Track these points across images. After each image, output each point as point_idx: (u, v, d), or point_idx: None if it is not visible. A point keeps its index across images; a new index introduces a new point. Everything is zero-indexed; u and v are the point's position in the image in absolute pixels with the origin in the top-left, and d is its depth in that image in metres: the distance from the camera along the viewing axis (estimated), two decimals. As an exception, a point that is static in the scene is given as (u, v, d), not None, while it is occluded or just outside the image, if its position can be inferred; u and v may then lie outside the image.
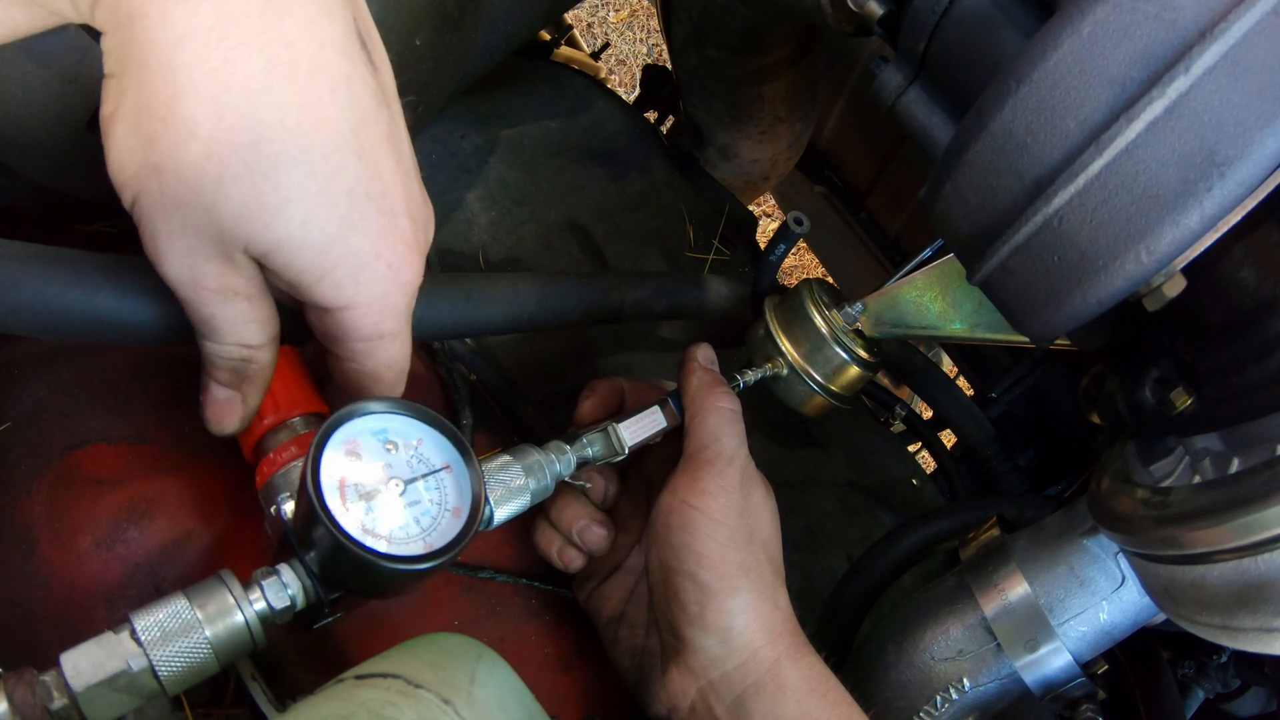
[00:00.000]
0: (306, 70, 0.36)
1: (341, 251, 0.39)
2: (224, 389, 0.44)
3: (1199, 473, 0.50)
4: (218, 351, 0.42)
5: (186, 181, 0.35)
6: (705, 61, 0.95)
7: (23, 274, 0.41)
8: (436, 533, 0.44)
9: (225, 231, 0.37)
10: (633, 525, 0.60)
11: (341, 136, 0.38)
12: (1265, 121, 0.36)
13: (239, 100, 0.35)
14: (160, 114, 0.35)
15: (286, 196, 0.37)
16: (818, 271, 2.36)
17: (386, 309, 0.42)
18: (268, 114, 0.36)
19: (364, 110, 0.39)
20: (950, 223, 0.46)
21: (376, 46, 0.41)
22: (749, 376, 0.62)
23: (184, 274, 0.38)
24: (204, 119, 0.35)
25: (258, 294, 0.40)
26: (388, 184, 0.40)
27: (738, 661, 0.51)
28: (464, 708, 0.38)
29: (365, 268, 0.40)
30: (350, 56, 0.38)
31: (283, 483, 0.47)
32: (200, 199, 0.36)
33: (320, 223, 0.38)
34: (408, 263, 0.41)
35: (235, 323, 0.40)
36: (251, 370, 0.43)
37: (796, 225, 0.67)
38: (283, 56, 0.36)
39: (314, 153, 0.37)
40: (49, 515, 0.51)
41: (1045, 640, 0.58)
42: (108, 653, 0.38)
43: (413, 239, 0.42)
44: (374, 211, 0.39)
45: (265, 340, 0.42)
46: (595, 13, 2.79)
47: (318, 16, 0.37)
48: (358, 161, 0.38)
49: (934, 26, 0.48)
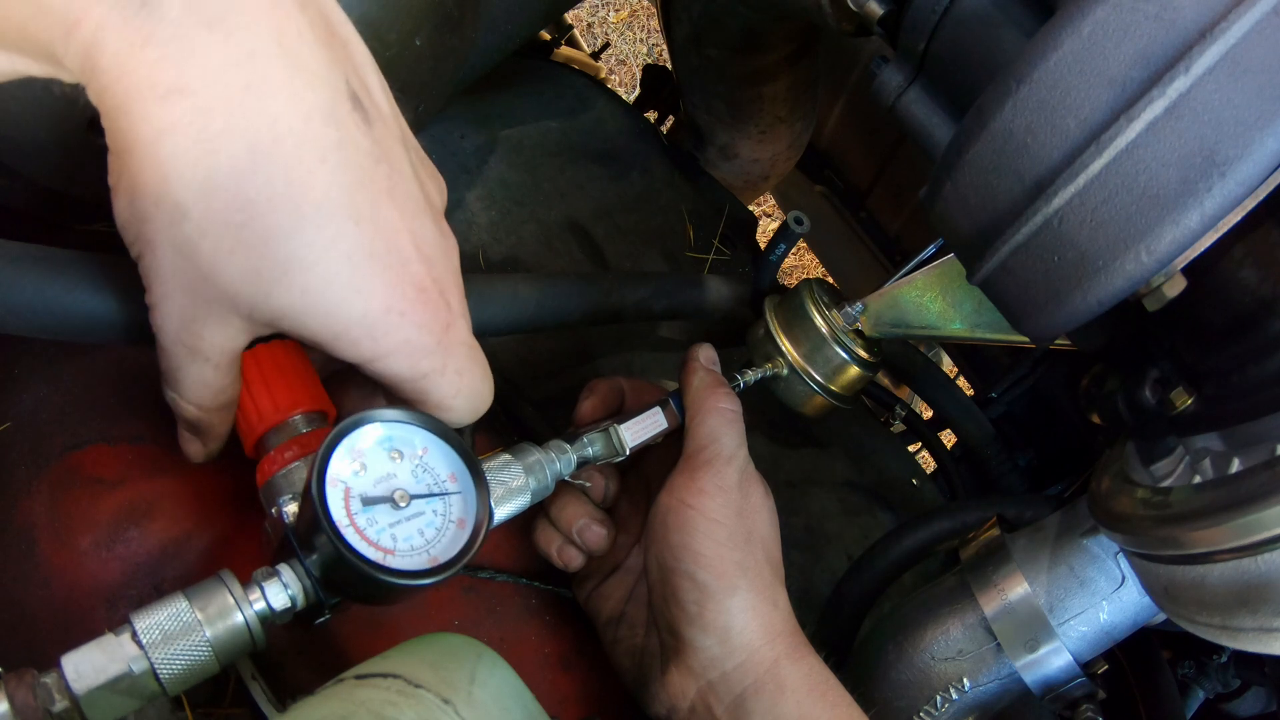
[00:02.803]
0: (293, 145, 0.37)
1: (350, 314, 0.40)
2: (185, 430, 0.45)
3: (1199, 473, 0.50)
4: (175, 402, 0.43)
5: (181, 255, 0.37)
6: (705, 61, 0.96)
7: (22, 274, 0.41)
8: (441, 545, 0.44)
9: (225, 300, 0.38)
10: (633, 525, 0.60)
11: (335, 203, 0.38)
12: (1265, 121, 0.36)
13: (226, 183, 0.36)
14: (150, 197, 0.36)
15: (284, 268, 0.37)
16: (818, 271, 2.36)
17: (415, 352, 0.42)
18: (256, 192, 0.36)
19: (358, 172, 0.39)
20: (950, 223, 0.46)
21: (375, 98, 0.41)
22: (749, 376, 0.62)
23: (170, 328, 0.39)
24: (192, 204, 0.36)
25: (225, 365, 0.42)
26: (392, 238, 0.40)
27: (737, 661, 0.51)
28: (464, 708, 0.38)
29: (377, 324, 0.40)
30: (338, 122, 0.38)
31: (284, 483, 0.47)
32: (197, 270, 0.37)
33: (321, 290, 0.38)
34: (423, 304, 0.42)
35: (194, 383, 0.42)
36: (203, 425, 0.44)
37: (796, 225, 0.67)
38: (266, 136, 0.36)
39: (307, 223, 0.37)
40: (49, 515, 0.51)
41: (1045, 640, 0.58)
42: (109, 655, 0.38)
43: (427, 280, 0.42)
44: (379, 269, 0.40)
45: (215, 407, 0.44)
46: (595, 13, 2.79)
47: (301, 90, 0.37)
48: (355, 225, 0.39)
49: (934, 26, 0.48)
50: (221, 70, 0.35)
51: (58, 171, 0.50)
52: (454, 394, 0.45)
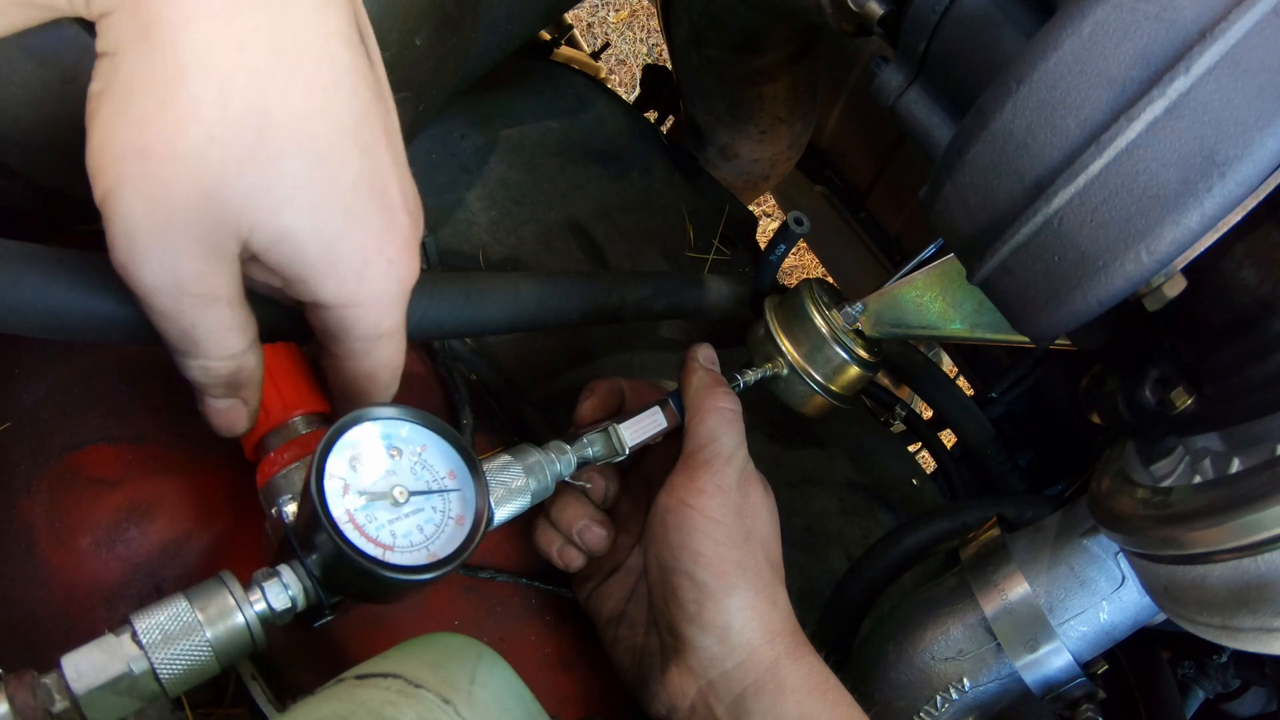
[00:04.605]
0: (313, 60, 0.36)
1: (348, 246, 0.38)
2: (220, 400, 0.43)
3: (1199, 473, 0.50)
4: (205, 368, 0.40)
5: (182, 166, 0.34)
6: (705, 61, 0.96)
7: (21, 274, 0.41)
8: (440, 541, 0.44)
9: (226, 221, 0.35)
10: (633, 525, 0.60)
11: (345, 129, 0.37)
12: (1265, 121, 0.36)
13: (246, 85, 0.34)
14: (159, 93, 0.33)
15: (294, 185, 0.36)
16: (818, 271, 2.36)
17: (387, 306, 0.41)
18: (274, 101, 0.35)
19: (365, 103, 0.38)
20: (950, 223, 0.46)
21: (372, 42, 0.41)
22: (749, 376, 0.62)
23: (163, 277, 0.36)
24: (209, 101, 0.34)
25: (238, 298, 0.39)
26: (387, 179, 0.40)
27: (737, 661, 0.51)
28: (464, 708, 0.38)
29: (369, 264, 0.39)
30: (353, 49, 0.38)
31: (284, 484, 0.47)
32: (197, 185, 0.34)
33: (327, 214, 0.37)
34: (406, 259, 0.41)
35: (218, 330, 0.38)
36: (243, 376, 0.42)
37: (796, 225, 0.67)
38: (290, 45, 0.35)
39: (320, 143, 0.36)
40: (49, 515, 0.51)
41: (1045, 640, 0.58)
42: (109, 655, 0.38)
43: (410, 235, 0.41)
44: (376, 206, 0.39)
45: (248, 344, 0.41)
46: (595, 13, 2.79)
47: (323, 7, 0.36)
48: (360, 155, 0.38)
49: (934, 26, 0.48)
50: None
51: (58, 171, 0.50)
52: (388, 362, 0.44)
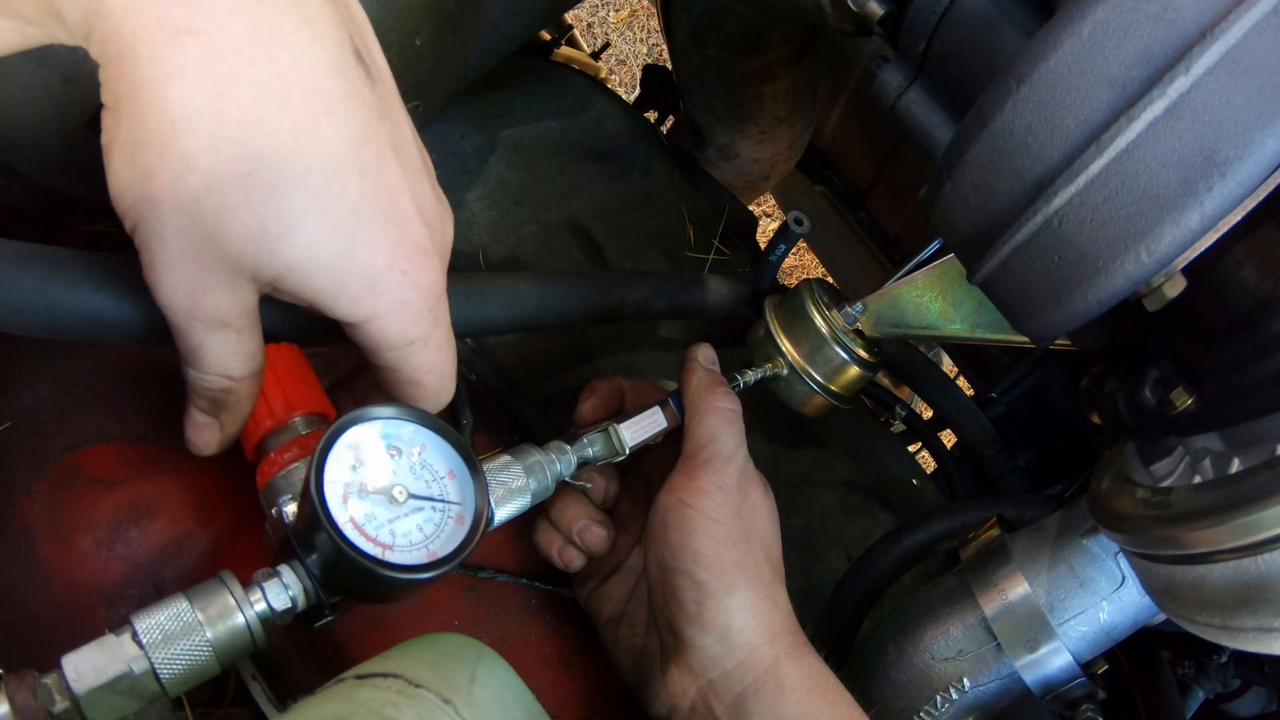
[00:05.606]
0: (300, 96, 0.36)
1: (352, 268, 0.39)
2: (203, 415, 0.44)
3: (1199, 473, 0.50)
4: (199, 379, 0.42)
5: (186, 213, 0.36)
6: (705, 61, 0.96)
7: (21, 274, 0.41)
8: (440, 540, 0.44)
9: (230, 259, 0.37)
10: (633, 525, 0.60)
11: (341, 156, 0.38)
12: (1265, 121, 0.36)
13: (234, 132, 0.35)
14: (156, 148, 0.35)
15: (289, 222, 0.37)
16: (818, 271, 2.36)
17: (409, 315, 0.42)
18: (263, 143, 0.36)
19: (363, 126, 0.39)
20: (950, 223, 0.46)
21: (375, 58, 0.41)
22: (749, 376, 0.62)
23: (179, 302, 0.38)
24: (200, 153, 0.35)
25: (248, 327, 0.40)
26: (395, 195, 0.40)
27: (737, 660, 0.51)
28: (464, 708, 0.38)
29: (379, 279, 0.40)
30: (345, 75, 0.38)
31: (284, 484, 0.47)
32: (201, 228, 0.36)
33: (326, 243, 0.38)
34: (423, 267, 0.41)
35: (220, 354, 0.40)
36: (230, 400, 0.43)
37: (796, 225, 0.67)
38: (274, 85, 0.36)
39: (313, 176, 0.37)
40: (49, 515, 0.51)
41: (1045, 640, 0.58)
42: (109, 655, 0.38)
43: (427, 243, 0.42)
44: (382, 224, 0.39)
45: (247, 374, 0.42)
46: (595, 13, 2.79)
47: (309, 41, 0.37)
48: (360, 179, 0.38)
49: (934, 26, 0.48)
50: (231, 14, 0.35)
51: (58, 171, 0.50)
52: (429, 368, 0.44)
